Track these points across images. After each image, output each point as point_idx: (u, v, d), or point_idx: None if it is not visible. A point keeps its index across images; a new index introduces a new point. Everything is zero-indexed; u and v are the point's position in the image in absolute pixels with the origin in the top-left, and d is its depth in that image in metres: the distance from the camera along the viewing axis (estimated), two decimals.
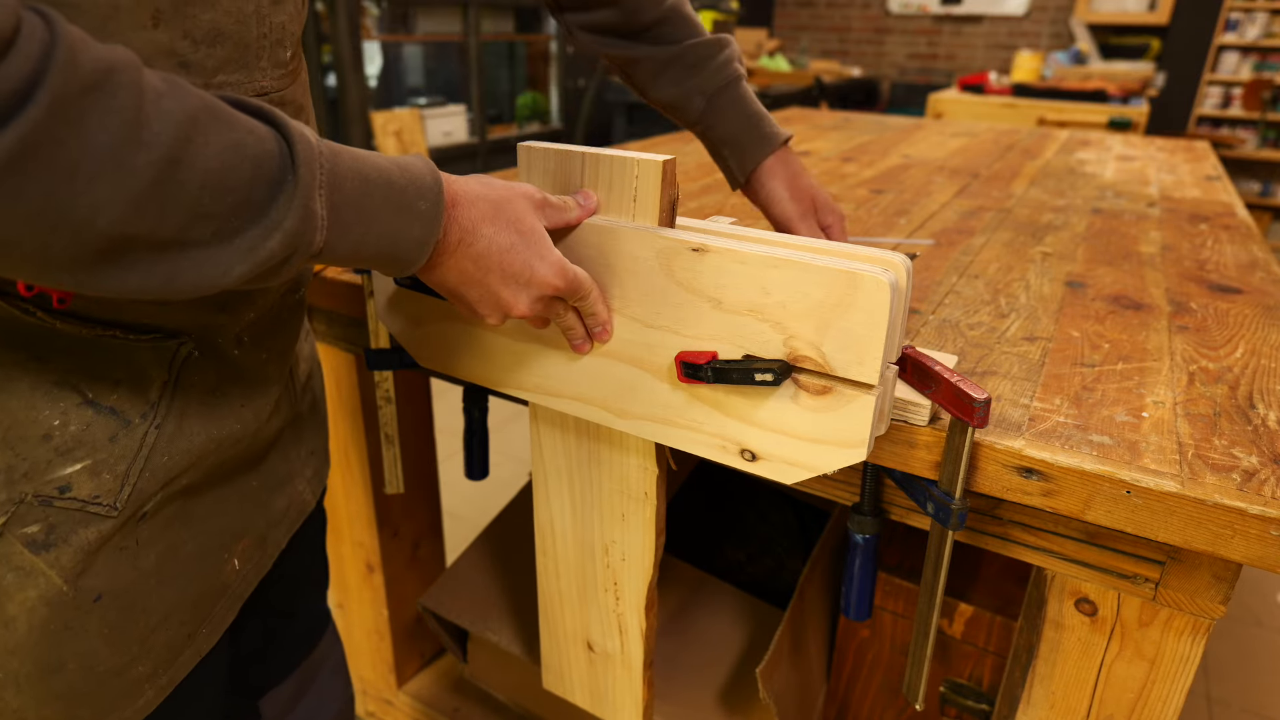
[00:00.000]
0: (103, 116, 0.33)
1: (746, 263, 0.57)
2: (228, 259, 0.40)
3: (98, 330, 0.49)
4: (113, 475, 0.50)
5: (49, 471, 0.48)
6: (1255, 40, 4.65)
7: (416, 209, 0.48)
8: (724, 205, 1.26)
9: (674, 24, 0.83)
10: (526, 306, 0.57)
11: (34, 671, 0.49)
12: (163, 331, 0.52)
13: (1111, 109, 3.40)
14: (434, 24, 4.24)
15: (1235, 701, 1.58)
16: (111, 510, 0.50)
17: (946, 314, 0.85)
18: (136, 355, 0.51)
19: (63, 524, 0.49)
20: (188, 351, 0.54)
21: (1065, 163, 1.79)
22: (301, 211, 0.41)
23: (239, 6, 0.48)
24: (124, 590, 0.53)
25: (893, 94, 5.80)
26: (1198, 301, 0.91)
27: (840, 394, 0.57)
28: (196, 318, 0.54)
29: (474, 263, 0.53)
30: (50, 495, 0.48)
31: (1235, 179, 4.81)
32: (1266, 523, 0.52)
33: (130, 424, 0.51)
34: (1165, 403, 0.66)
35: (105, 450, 0.50)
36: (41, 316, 0.47)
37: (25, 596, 0.48)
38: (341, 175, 0.44)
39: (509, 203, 0.55)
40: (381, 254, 0.48)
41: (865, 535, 0.72)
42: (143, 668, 0.55)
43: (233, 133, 0.39)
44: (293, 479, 0.69)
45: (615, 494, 0.76)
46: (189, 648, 0.59)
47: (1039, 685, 0.69)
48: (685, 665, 1.08)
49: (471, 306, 0.57)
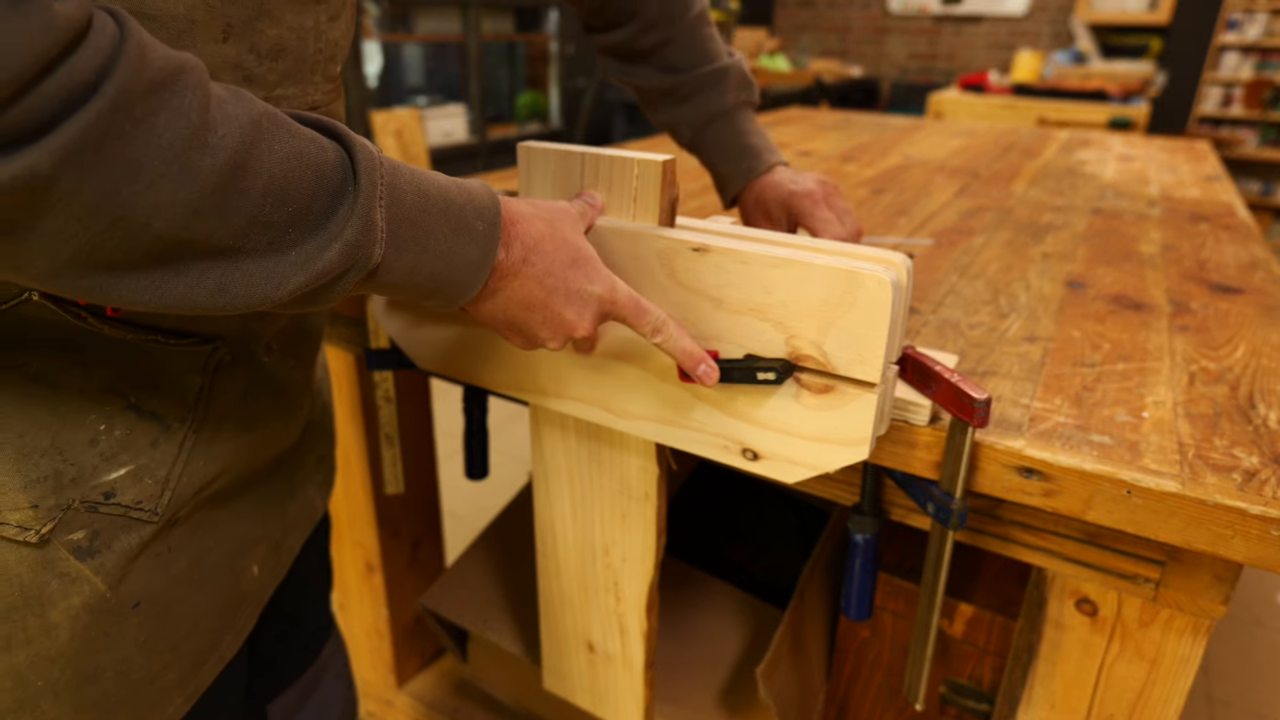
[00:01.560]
0: (170, 117, 0.33)
1: (748, 262, 0.57)
2: (283, 271, 0.39)
3: (141, 335, 0.49)
4: (154, 480, 0.50)
5: (95, 477, 0.48)
6: (1256, 40, 4.65)
7: (474, 229, 0.47)
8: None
9: (678, 51, 0.83)
10: (589, 325, 0.54)
11: (73, 680, 0.49)
12: (199, 336, 0.53)
13: (1112, 109, 3.40)
14: (434, 24, 4.24)
15: (1235, 701, 1.58)
16: (153, 516, 0.50)
17: (947, 314, 0.85)
18: (173, 360, 0.52)
19: (107, 530, 0.49)
20: (221, 357, 0.54)
21: (1065, 163, 1.79)
22: (362, 223, 0.40)
23: (301, 23, 0.49)
24: (159, 597, 0.53)
25: (893, 94, 5.80)
26: (1198, 301, 0.91)
27: (842, 393, 0.57)
28: (232, 324, 0.54)
29: (538, 283, 0.51)
30: (96, 501, 0.48)
31: (1236, 179, 4.81)
32: (1267, 523, 0.52)
33: (170, 429, 0.51)
34: (1166, 403, 0.66)
35: (147, 455, 0.50)
36: (92, 322, 0.47)
37: (69, 604, 0.48)
38: (401, 189, 0.43)
39: (560, 221, 0.54)
40: (437, 276, 0.46)
41: (865, 535, 0.72)
42: (172, 675, 0.55)
43: (296, 141, 0.38)
44: (305, 485, 0.69)
45: (616, 494, 0.76)
46: (214, 655, 0.59)
47: (1039, 685, 0.69)
48: (686, 665, 1.08)
49: (534, 331, 0.54)
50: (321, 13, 0.51)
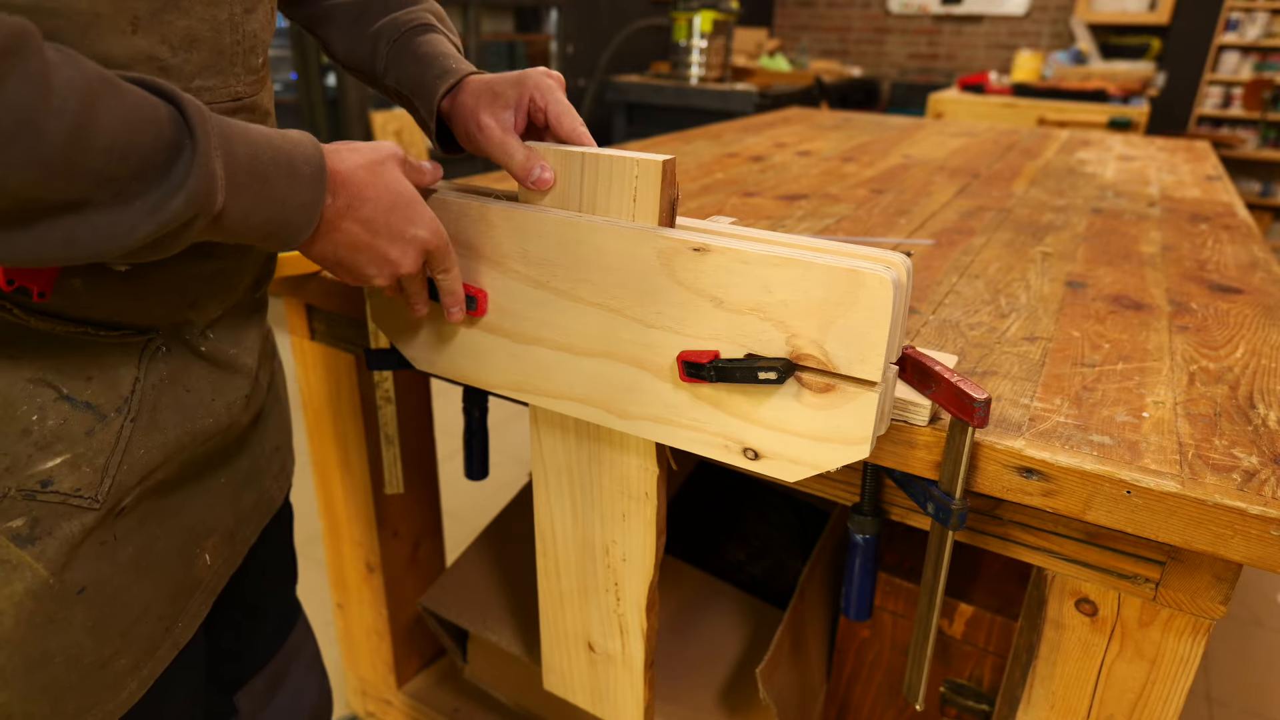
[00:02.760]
0: (19, 82, 0.34)
1: (749, 262, 0.57)
2: (130, 220, 0.41)
3: (70, 327, 0.50)
4: (92, 468, 0.51)
5: (30, 465, 0.49)
6: (1255, 40, 4.65)
7: (302, 174, 0.49)
8: (724, 205, 1.26)
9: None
10: (413, 263, 0.59)
11: (21, 665, 0.50)
12: (132, 328, 0.54)
13: (1112, 109, 3.40)
14: None
15: (1235, 701, 1.58)
16: (94, 503, 0.51)
17: (946, 314, 0.85)
18: (107, 352, 0.52)
19: (47, 517, 0.49)
20: (156, 347, 0.55)
21: (1065, 163, 1.79)
22: (203, 171, 0.42)
23: (213, 14, 0.50)
24: (105, 583, 0.54)
25: (893, 94, 5.80)
26: (1198, 301, 0.91)
27: (843, 391, 0.57)
28: (166, 315, 0.55)
29: (363, 225, 0.55)
30: (33, 489, 0.49)
31: (1235, 179, 4.81)
32: (1267, 523, 0.52)
33: (106, 418, 0.52)
34: (1165, 403, 0.66)
35: (83, 444, 0.51)
36: (17, 314, 0.48)
37: (11, 590, 0.49)
38: (233, 140, 0.45)
39: (383, 165, 0.56)
40: (273, 220, 0.49)
41: (865, 535, 0.72)
42: (125, 660, 0.56)
43: (131, 99, 0.40)
44: (260, 475, 0.70)
45: (616, 494, 0.76)
46: (167, 640, 0.60)
47: (1039, 685, 0.69)
48: (686, 665, 1.08)
49: (360, 269, 0.58)
50: (236, 5, 0.52)
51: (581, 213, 0.64)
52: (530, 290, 0.68)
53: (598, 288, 0.64)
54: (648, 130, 4.24)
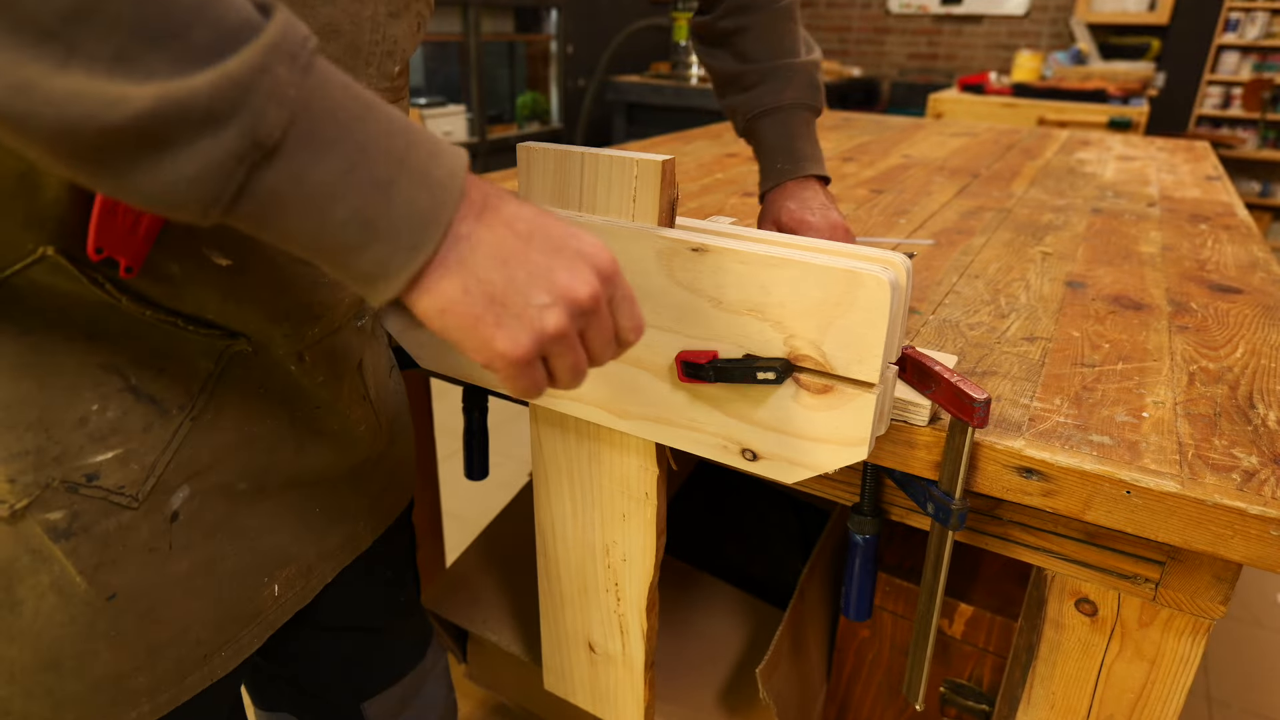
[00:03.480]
0: None
1: (747, 262, 0.57)
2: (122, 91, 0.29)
3: (160, 315, 0.48)
4: (141, 466, 0.49)
5: (80, 457, 0.47)
6: (1255, 40, 4.65)
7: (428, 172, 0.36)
8: (724, 205, 1.26)
9: (752, 40, 0.84)
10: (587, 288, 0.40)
11: (31, 662, 0.48)
12: (222, 330, 0.51)
13: (1111, 109, 3.40)
14: (434, 24, 4.24)
15: (1235, 702, 1.58)
16: (133, 501, 0.49)
17: (946, 314, 0.85)
18: (188, 345, 0.50)
19: (86, 512, 0.47)
20: (241, 348, 0.52)
21: (1065, 163, 1.79)
22: (257, 62, 0.31)
23: (356, 9, 0.49)
24: (144, 594, 0.51)
25: (893, 94, 5.80)
26: (1198, 301, 0.91)
27: (841, 393, 0.57)
28: (257, 320, 0.52)
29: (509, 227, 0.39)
30: (77, 482, 0.47)
31: (1235, 179, 4.81)
32: (1266, 523, 0.52)
33: (167, 414, 0.50)
34: (1165, 403, 0.66)
35: (138, 440, 0.49)
36: (110, 290, 0.45)
37: (37, 581, 0.47)
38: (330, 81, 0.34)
39: None
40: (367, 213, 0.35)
41: (865, 535, 0.72)
42: (144, 679, 0.52)
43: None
44: (358, 515, 0.67)
45: (616, 494, 0.76)
46: (201, 669, 0.56)
47: (1039, 685, 0.69)
48: (686, 665, 1.08)
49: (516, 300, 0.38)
50: (380, 5, 0.51)
51: (581, 212, 0.64)
52: None
53: None
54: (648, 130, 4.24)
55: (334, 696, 0.77)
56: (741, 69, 0.85)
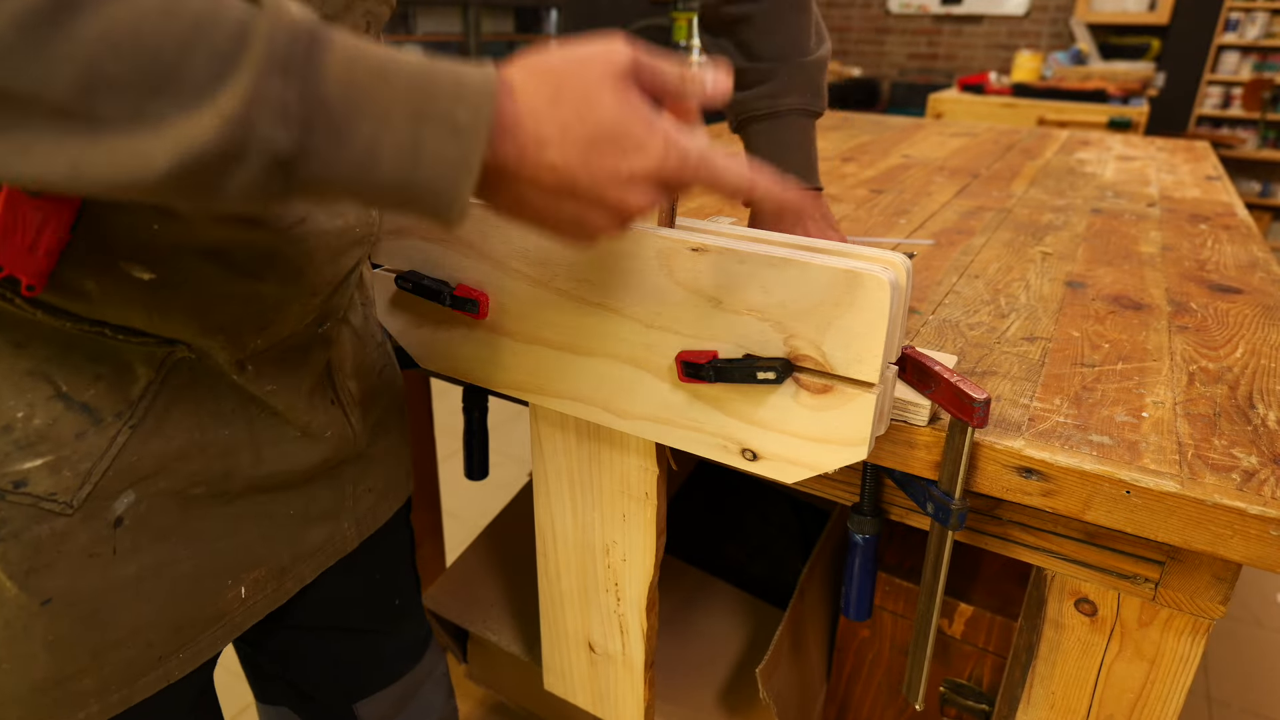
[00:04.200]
0: None
1: (746, 262, 0.57)
2: (149, 147, 0.31)
3: (82, 326, 0.47)
4: (74, 473, 0.48)
5: (5, 464, 0.46)
6: (1255, 40, 4.65)
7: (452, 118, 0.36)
8: (724, 205, 1.26)
9: (755, 32, 0.79)
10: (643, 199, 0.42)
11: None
12: (157, 339, 0.50)
13: (1111, 109, 3.40)
14: (434, 24, 4.24)
15: (1235, 702, 1.58)
16: (66, 508, 0.48)
17: (946, 314, 0.85)
18: (124, 353, 0.49)
19: (14, 519, 0.47)
20: (183, 355, 0.52)
21: (1065, 163, 1.79)
22: (246, 91, 0.32)
23: None
24: (85, 598, 0.50)
25: (893, 94, 5.80)
26: (1198, 301, 0.91)
27: (841, 393, 0.57)
28: (190, 332, 0.51)
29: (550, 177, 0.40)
30: (4, 489, 0.46)
31: (1235, 179, 4.81)
32: (1266, 523, 0.52)
33: (101, 422, 0.49)
34: (1165, 403, 0.66)
35: (70, 447, 0.48)
36: (19, 304, 0.45)
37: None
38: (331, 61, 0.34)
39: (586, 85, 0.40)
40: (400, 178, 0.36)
41: (865, 535, 0.72)
42: (89, 682, 0.52)
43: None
44: (339, 516, 0.66)
45: (616, 494, 0.76)
46: (155, 670, 0.55)
47: (1039, 685, 0.69)
48: (686, 665, 1.08)
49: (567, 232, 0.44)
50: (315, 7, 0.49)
51: None
52: (531, 290, 0.68)
53: (598, 288, 0.64)
54: None
55: (326, 696, 0.77)
56: (741, 66, 0.81)
